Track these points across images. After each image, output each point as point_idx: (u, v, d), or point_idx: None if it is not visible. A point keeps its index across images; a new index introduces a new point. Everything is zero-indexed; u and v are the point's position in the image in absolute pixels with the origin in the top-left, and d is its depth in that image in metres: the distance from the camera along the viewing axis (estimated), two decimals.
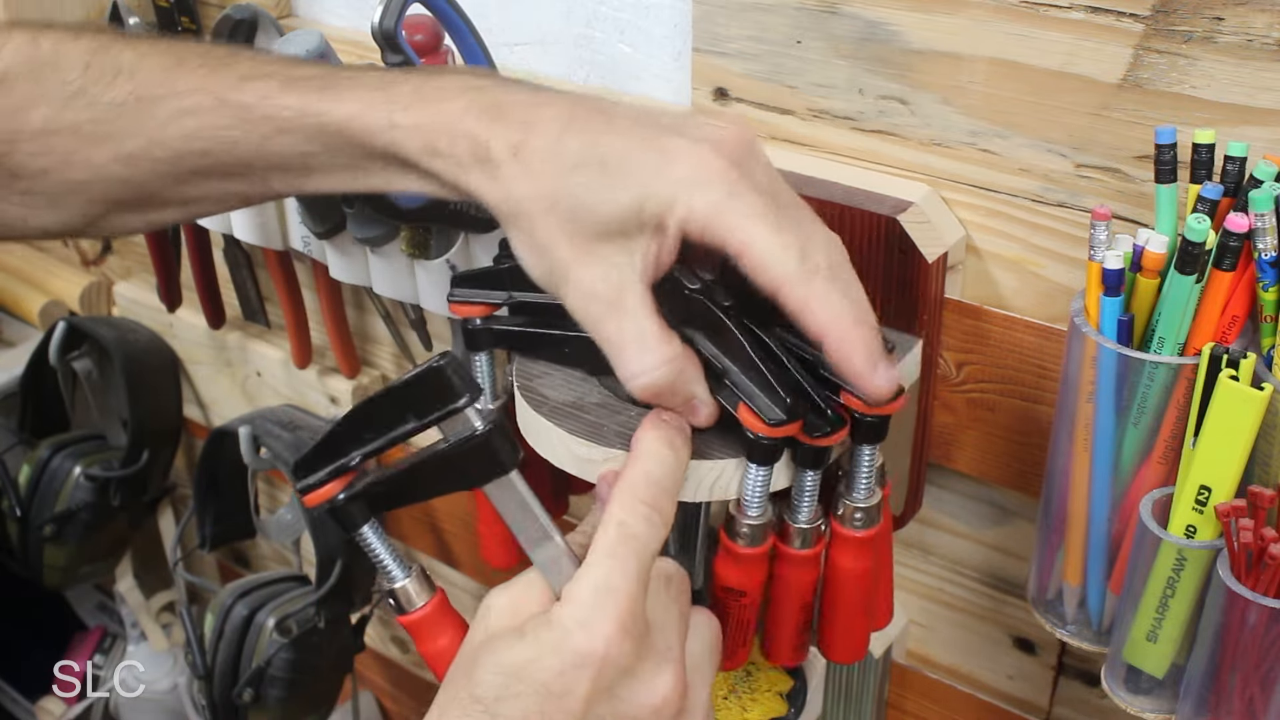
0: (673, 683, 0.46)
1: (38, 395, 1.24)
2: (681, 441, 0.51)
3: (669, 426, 0.50)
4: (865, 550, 0.57)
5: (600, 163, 0.47)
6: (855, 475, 0.55)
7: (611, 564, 0.45)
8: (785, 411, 0.50)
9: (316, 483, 0.48)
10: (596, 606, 0.44)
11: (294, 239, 0.89)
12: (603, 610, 0.44)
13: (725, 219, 0.46)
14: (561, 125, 0.48)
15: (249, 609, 1.05)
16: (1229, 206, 0.52)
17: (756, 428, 0.51)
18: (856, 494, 0.55)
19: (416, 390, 0.46)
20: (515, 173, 0.48)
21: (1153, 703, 0.59)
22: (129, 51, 0.54)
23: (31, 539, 1.18)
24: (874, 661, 0.79)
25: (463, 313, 0.60)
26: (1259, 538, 0.50)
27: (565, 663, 0.44)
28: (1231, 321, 0.53)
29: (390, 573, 0.50)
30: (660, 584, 0.48)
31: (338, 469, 0.48)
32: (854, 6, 0.64)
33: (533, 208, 0.48)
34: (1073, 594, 0.62)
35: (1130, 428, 0.56)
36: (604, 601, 0.44)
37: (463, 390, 0.46)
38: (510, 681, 0.44)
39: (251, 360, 1.10)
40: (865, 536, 0.56)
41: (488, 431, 0.46)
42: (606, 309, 0.48)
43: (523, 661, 0.44)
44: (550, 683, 0.43)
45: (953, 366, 0.69)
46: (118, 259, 1.26)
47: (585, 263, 0.48)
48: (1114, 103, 0.58)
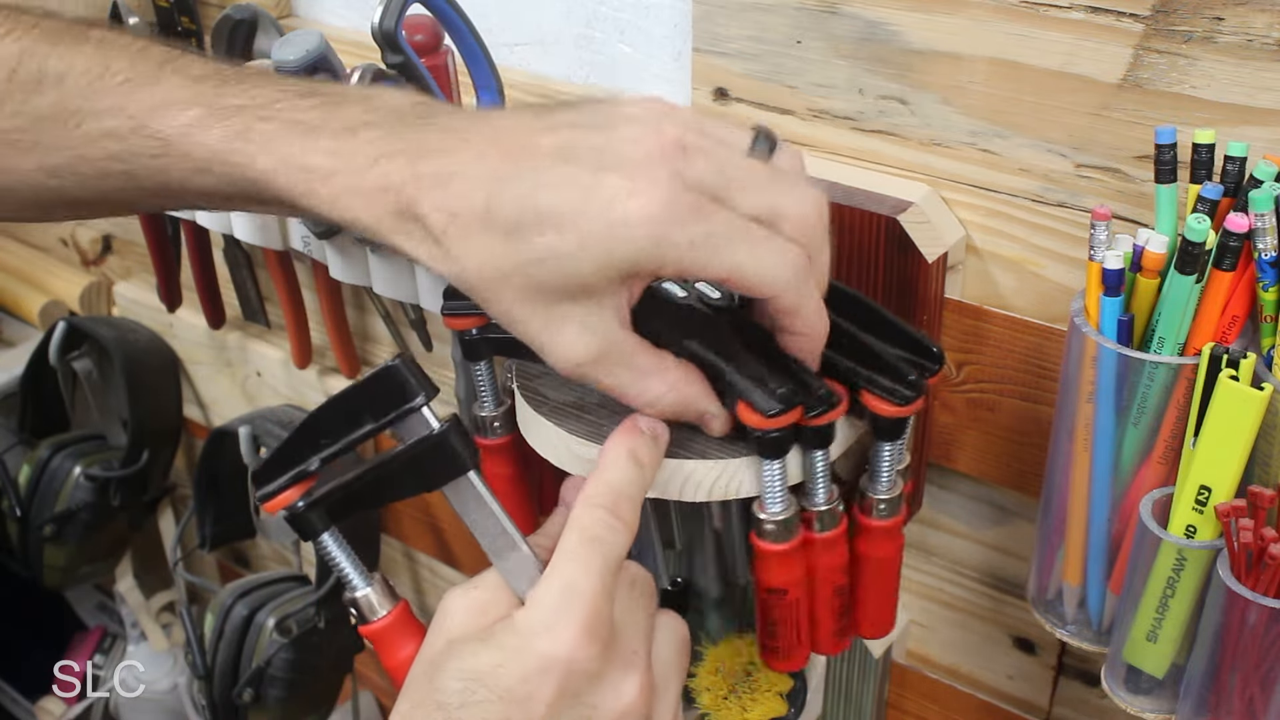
0: (639, 687, 0.45)
1: (38, 395, 1.24)
2: (648, 450, 0.50)
3: (636, 436, 0.50)
4: (889, 537, 0.58)
5: (539, 222, 0.44)
6: (877, 470, 0.56)
7: (575, 567, 0.45)
8: (781, 401, 0.50)
9: (275, 489, 0.47)
10: (561, 610, 0.44)
11: (294, 239, 0.89)
12: (567, 614, 0.44)
13: (697, 256, 0.44)
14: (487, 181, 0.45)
15: (249, 609, 1.05)
16: (1229, 206, 0.52)
17: (757, 423, 0.51)
18: (879, 486, 0.56)
19: (372, 391, 0.46)
20: (458, 246, 0.45)
21: (1153, 703, 0.59)
22: (54, 59, 0.51)
23: (31, 539, 1.18)
24: (874, 661, 0.79)
25: (457, 325, 0.60)
26: (1259, 538, 0.50)
27: (529, 668, 0.43)
28: (1231, 321, 0.53)
29: (351, 581, 0.49)
30: (625, 588, 0.47)
31: (296, 475, 0.47)
32: (854, 6, 0.64)
33: (486, 283, 0.46)
34: (1073, 594, 0.62)
35: (1130, 428, 0.56)
36: (568, 605, 0.44)
37: (418, 389, 0.45)
38: (474, 687, 0.43)
39: (251, 360, 1.10)
40: (888, 525, 0.57)
41: (444, 430, 0.46)
42: (594, 366, 0.47)
43: (487, 667, 0.43)
44: (514, 688, 0.43)
45: (953, 366, 0.69)
46: (118, 259, 1.26)
47: (558, 329, 0.46)
48: (1114, 103, 0.58)
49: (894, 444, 0.55)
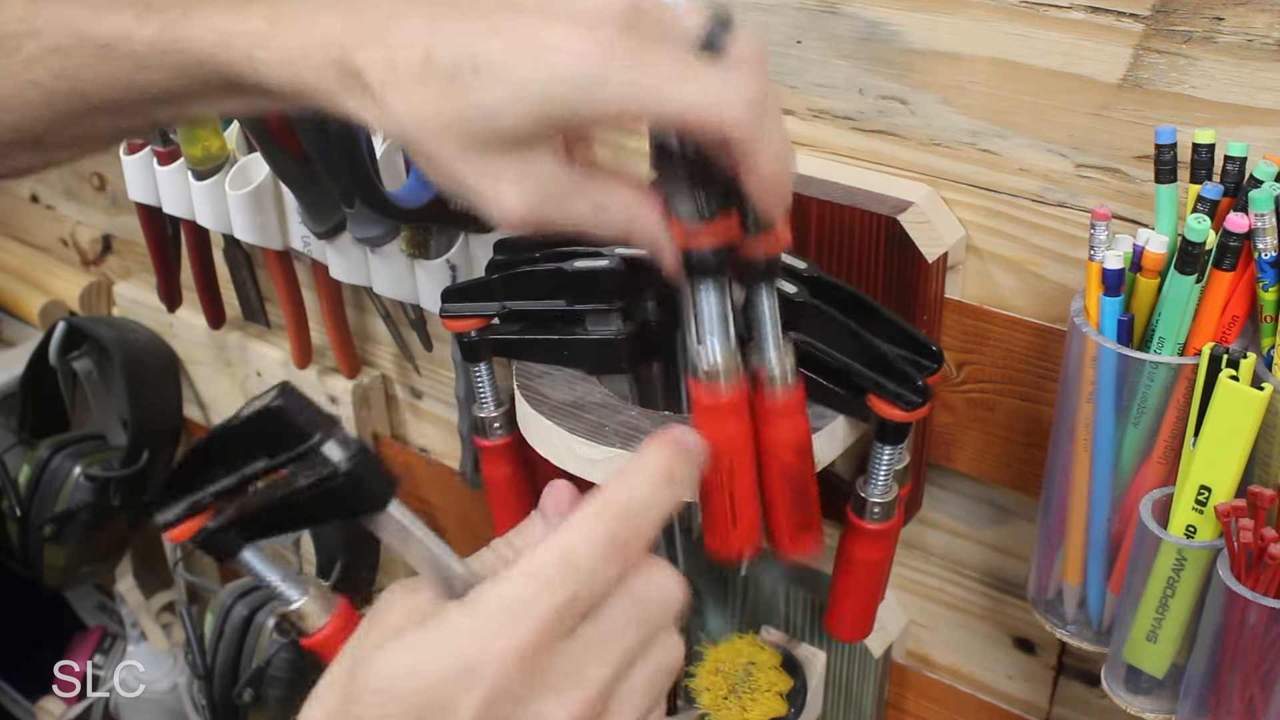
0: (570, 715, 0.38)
1: (38, 395, 1.24)
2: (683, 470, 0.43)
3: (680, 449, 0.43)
4: (880, 542, 0.57)
5: (475, 70, 0.42)
6: (874, 472, 0.56)
7: (534, 587, 0.38)
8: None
9: (175, 519, 0.43)
10: (500, 619, 0.38)
11: (294, 239, 0.89)
12: (507, 627, 0.38)
13: (641, 95, 0.41)
14: (426, 31, 0.43)
15: (249, 609, 1.05)
16: (1229, 206, 0.52)
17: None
18: (875, 489, 0.56)
19: (257, 430, 0.41)
20: (396, 97, 0.44)
21: (1153, 703, 0.59)
22: None
23: (31, 539, 1.18)
24: (874, 661, 0.79)
25: (456, 328, 0.60)
26: (1259, 538, 0.50)
27: (447, 671, 0.37)
28: (1231, 321, 0.53)
29: (283, 594, 0.45)
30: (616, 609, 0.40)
31: (192, 506, 0.43)
32: (854, 6, 0.64)
33: (424, 133, 0.44)
34: (1073, 594, 0.62)
35: (1130, 428, 0.56)
36: (509, 619, 0.38)
37: (311, 428, 0.40)
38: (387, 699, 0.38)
39: (251, 360, 1.10)
40: (881, 529, 0.57)
41: (349, 470, 0.40)
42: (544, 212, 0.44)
43: (401, 670, 0.38)
44: (428, 691, 0.37)
45: (953, 366, 0.69)
46: (118, 259, 1.26)
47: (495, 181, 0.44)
48: (1114, 103, 0.58)
49: (895, 448, 0.55)
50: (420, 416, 1.05)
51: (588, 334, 0.58)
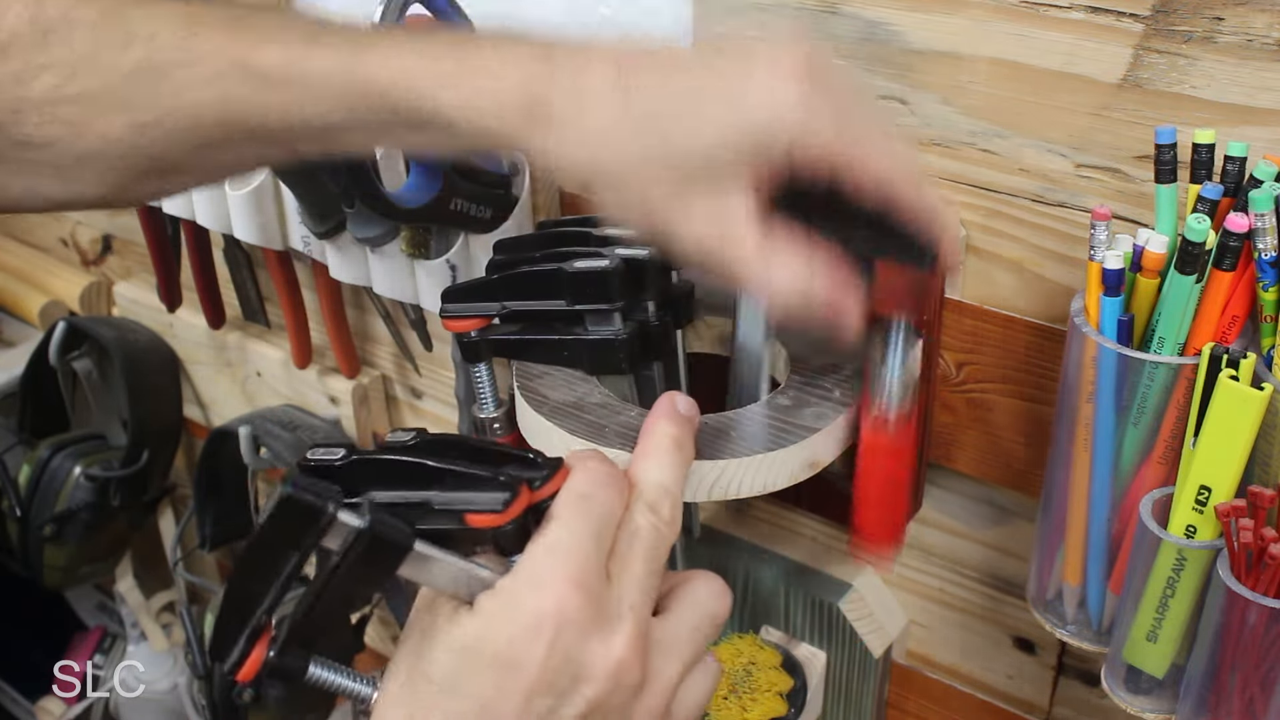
0: (628, 640, 0.43)
1: (38, 395, 1.24)
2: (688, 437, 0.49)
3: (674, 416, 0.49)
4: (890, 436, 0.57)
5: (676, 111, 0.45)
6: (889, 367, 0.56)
7: (557, 525, 0.43)
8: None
9: (239, 658, 0.44)
10: (545, 564, 0.42)
11: (294, 239, 0.89)
12: (551, 567, 0.42)
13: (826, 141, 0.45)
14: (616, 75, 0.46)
15: None
16: (1229, 206, 0.52)
17: None
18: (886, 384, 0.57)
19: (279, 526, 0.43)
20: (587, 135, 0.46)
21: (1153, 703, 0.59)
22: (140, 14, 0.51)
23: (31, 539, 1.18)
24: (874, 661, 0.79)
25: (456, 328, 0.60)
26: (1259, 538, 0.50)
27: (517, 627, 0.42)
28: (1231, 321, 0.53)
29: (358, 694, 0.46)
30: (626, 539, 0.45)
31: (251, 635, 0.44)
32: (854, 6, 0.64)
33: (617, 167, 0.46)
34: (1073, 594, 0.62)
35: (1130, 428, 0.56)
36: (552, 560, 0.42)
37: (322, 502, 0.42)
38: (462, 658, 0.42)
39: (251, 360, 1.10)
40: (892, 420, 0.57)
41: (369, 525, 0.42)
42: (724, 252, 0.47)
43: (473, 635, 0.42)
44: (502, 652, 0.42)
45: (953, 366, 0.69)
46: (118, 259, 1.26)
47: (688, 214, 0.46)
48: (1114, 103, 0.58)
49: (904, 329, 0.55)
50: (420, 416, 1.05)
51: (588, 334, 0.58)
